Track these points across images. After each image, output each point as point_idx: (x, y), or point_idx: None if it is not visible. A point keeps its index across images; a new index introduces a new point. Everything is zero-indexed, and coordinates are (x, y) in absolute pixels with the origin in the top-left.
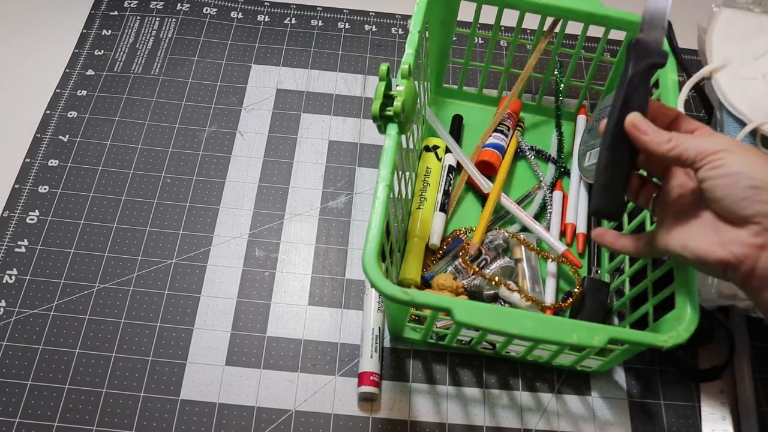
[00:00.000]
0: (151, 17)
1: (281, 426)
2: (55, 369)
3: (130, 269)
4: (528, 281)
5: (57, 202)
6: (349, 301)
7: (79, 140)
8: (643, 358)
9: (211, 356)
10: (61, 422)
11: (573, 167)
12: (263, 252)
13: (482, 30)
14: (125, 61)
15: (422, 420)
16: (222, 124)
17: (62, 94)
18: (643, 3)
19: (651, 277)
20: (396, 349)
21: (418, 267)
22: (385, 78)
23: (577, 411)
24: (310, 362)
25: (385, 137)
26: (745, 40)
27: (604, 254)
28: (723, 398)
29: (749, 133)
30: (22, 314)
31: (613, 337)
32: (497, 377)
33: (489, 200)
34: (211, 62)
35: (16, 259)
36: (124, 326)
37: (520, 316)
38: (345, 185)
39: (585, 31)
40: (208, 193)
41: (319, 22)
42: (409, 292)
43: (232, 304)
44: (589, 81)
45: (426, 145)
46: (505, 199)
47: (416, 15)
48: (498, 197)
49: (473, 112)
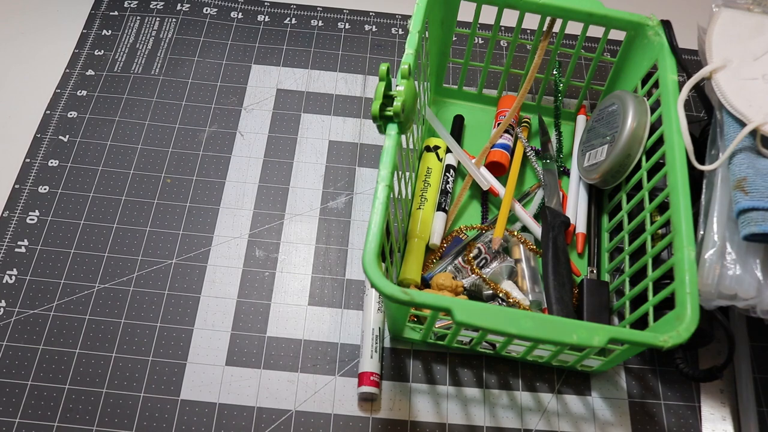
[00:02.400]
0: (151, 17)
1: (281, 426)
2: (55, 369)
3: (130, 269)
4: (527, 281)
5: (57, 202)
6: (349, 301)
7: (79, 140)
8: (643, 358)
9: (211, 356)
10: (61, 422)
11: (573, 167)
12: (263, 252)
13: (482, 30)
14: (125, 61)
15: (422, 420)
16: (222, 124)
17: (62, 94)
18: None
19: (651, 277)
20: (396, 349)
21: (419, 267)
22: (385, 78)
23: (577, 411)
24: (310, 362)
25: (385, 137)
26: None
27: (603, 254)
28: (723, 398)
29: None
30: (22, 314)
31: (613, 337)
32: (497, 377)
33: (507, 193)
34: (211, 62)
35: (16, 259)
36: (124, 326)
37: (520, 316)
38: (345, 185)
39: (585, 31)
40: (208, 193)
41: (319, 22)
42: (409, 292)
43: (232, 304)
44: (589, 81)
45: (427, 145)
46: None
47: (416, 15)
48: (512, 194)
49: (473, 112)
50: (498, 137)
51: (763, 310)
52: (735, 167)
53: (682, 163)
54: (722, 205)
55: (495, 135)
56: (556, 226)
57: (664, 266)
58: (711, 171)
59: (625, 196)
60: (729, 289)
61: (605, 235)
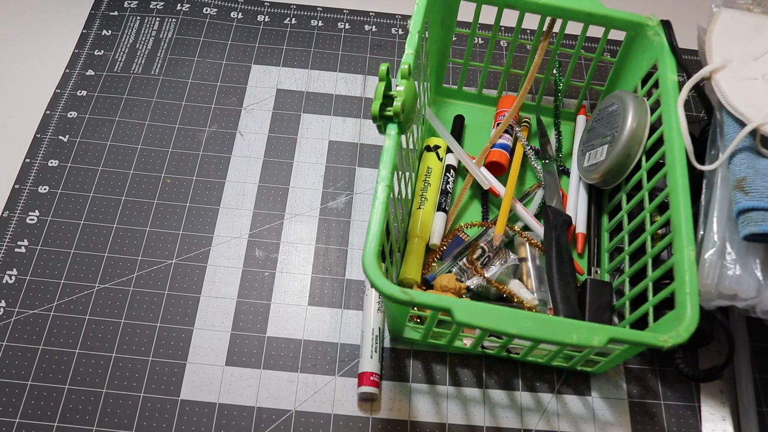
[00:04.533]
0: (151, 17)
1: (281, 426)
2: (55, 369)
3: (130, 269)
4: (533, 280)
5: (57, 203)
6: (349, 301)
7: (79, 140)
8: (643, 358)
9: (211, 356)
10: (61, 422)
11: (572, 167)
12: (263, 252)
13: (482, 30)
14: (125, 62)
15: (422, 420)
16: (222, 124)
17: (62, 94)
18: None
19: (651, 277)
20: (396, 349)
21: (419, 267)
22: (384, 78)
23: (577, 411)
24: (310, 362)
25: (385, 137)
26: (744, 40)
27: (603, 254)
28: (723, 398)
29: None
30: (22, 314)
31: (613, 337)
32: (497, 377)
33: (508, 190)
34: (211, 62)
35: (16, 259)
36: (124, 326)
37: (520, 316)
38: (345, 185)
39: (585, 31)
40: (208, 194)
41: (319, 23)
42: (409, 292)
43: (232, 304)
44: (589, 81)
45: (427, 144)
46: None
47: (416, 15)
48: (513, 190)
49: (473, 112)
50: (498, 137)
51: (763, 310)
52: (735, 167)
53: (682, 163)
54: (722, 205)
55: (495, 135)
56: (558, 225)
57: (664, 266)
58: (711, 171)
59: (625, 196)
60: (729, 289)
61: (605, 235)
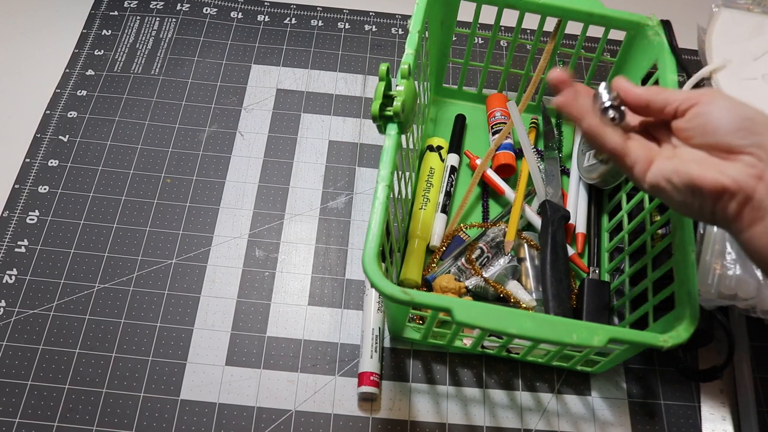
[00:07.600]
0: (151, 17)
1: (281, 426)
2: (55, 369)
3: (130, 269)
4: (532, 281)
5: (57, 202)
6: (349, 301)
7: (79, 140)
8: (643, 358)
9: (211, 356)
10: (61, 422)
11: (572, 167)
12: (263, 252)
13: (482, 30)
14: (125, 61)
15: (422, 420)
16: (222, 124)
17: (62, 94)
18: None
19: (651, 277)
20: (396, 349)
21: (419, 267)
22: (384, 78)
23: (577, 411)
24: (310, 362)
25: (385, 137)
26: (744, 40)
27: (603, 254)
28: (723, 398)
29: None
30: (22, 314)
31: (613, 337)
32: (497, 377)
33: (517, 197)
34: (211, 62)
35: (16, 259)
36: (124, 326)
37: (520, 316)
38: (345, 185)
39: (585, 31)
40: (208, 193)
41: (319, 22)
42: (409, 292)
43: (232, 304)
44: (589, 81)
45: (429, 144)
46: (513, 194)
47: (416, 15)
48: (523, 197)
49: (473, 112)
50: (502, 141)
51: (763, 310)
52: None
53: None
54: None
55: (499, 138)
56: (555, 221)
57: (664, 266)
58: None
59: (625, 196)
60: (729, 289)
61: (605, 235)
